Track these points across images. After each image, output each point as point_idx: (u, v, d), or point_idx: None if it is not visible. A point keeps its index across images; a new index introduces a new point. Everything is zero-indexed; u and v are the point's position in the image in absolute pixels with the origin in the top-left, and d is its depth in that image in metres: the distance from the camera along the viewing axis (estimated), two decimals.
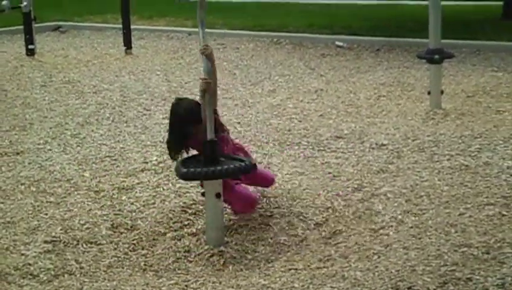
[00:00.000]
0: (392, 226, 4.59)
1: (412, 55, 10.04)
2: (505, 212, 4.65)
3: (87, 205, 5.21)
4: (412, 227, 4.54)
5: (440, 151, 6.00)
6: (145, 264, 4.36)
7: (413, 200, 4.99)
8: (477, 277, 3.75)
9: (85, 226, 4.83)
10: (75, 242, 4.61)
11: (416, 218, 4.68)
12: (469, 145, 6.11)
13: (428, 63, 7.57)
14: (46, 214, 5.05)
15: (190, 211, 5.03)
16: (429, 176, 5.42)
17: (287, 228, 4.75)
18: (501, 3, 13.43)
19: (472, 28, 12.06)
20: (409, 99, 8.02)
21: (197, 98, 4.64)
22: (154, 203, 5.19)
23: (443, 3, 8.62)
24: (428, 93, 7.51)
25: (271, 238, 4.62)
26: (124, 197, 5.33)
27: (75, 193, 5.45)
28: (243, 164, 4.34)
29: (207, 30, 4.62)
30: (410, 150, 6.11)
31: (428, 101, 7.54)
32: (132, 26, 11.89)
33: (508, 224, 4.47)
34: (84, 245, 4.58)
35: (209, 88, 4.31)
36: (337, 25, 13.14)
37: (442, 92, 7.47)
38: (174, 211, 5.04)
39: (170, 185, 5.52)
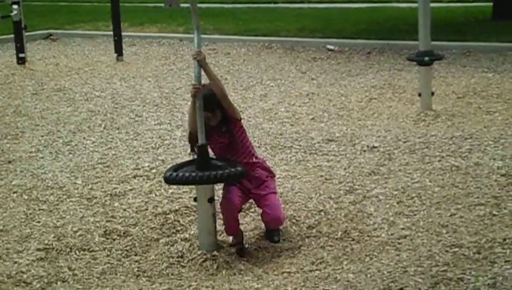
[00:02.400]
0: (383, 228, 4.62)
1: (402, 57, 10.08)
2: (495, 212, 4.68)
3: (80, 212, 5.21)
4: (403, 228, 4.57)
5: (431, 153, 6.03)
6: (138, 270, 4.36)
7: (404, 201, 5.02)
8: (469, 277, 3.77)
9: (78, 233, 4.83)
10: (67, 249, 4.61)
11: (408, 219, 4.71)
12: (460, 146, 6.15)
13: (418, 65, 7.60)
14: (39, 222, 5.05)
15: (183, 217, 5.04)
16: (420, 178, 5.45)
17: (280, 231, 4.75)
18: (491, 4, 13.50)
19: (462, 30, 12.12)
20: (400, 101, 8.05)
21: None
22: (146, 209, 5.20)
23: (433, 5, 8.68)
24: (419, 95, 7.55)
25: (264, 242, 4.63)
26: (116, 204, 5.34)
27: (68, 200, 5.46)
28: (233, 170, 4.30)
29: None
30: (402, 151, 6.14)
31: (419, 103, 7.57)
32: (123, 33, 11.90)
33: (498, 224, 4.51)
34: (77, 252, 4.58)
35: (199, 94, 4.32)
36: (328, 28, 13.18)
37: (432, 94, 7.51)
38: (166, 216, 5.05)
39: (162, 190, 5.52)
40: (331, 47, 11.59)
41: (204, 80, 4.36)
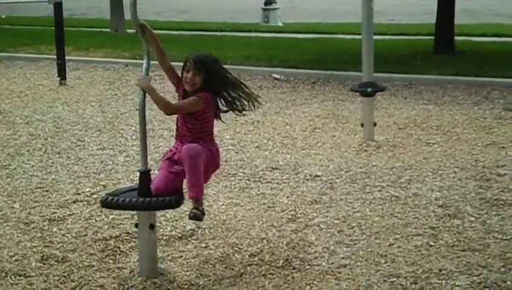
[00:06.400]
0: (324, 256, 4.65)
1: (346, 88, 10.24)
2: (432, 243, 4.77)
3: (17, 236, 5.10)
4: (343, 257, 4.61)
5: (372, 183, 6.12)
6: None
7: (345, 230, 5.07)
8: None
9: (14, 258, 4.72)
10: (3, 274, 4.50)
11: (348, 249, 4.75)
12: (399, 177, 6.25)
13: (361, 96, 7.73)
14: None
15: (123, 243, 4.98)
16: (361, 207, 5.52)
17: (222, 259, 4.74)
18: (433, 38, 13.84)
19: (404, 62, 12.38)
20: (343, 131, 8.15)
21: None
22: (86, 235, 5.12)
23: (376, 37, 8.84)
24: (362, 125, 7.66)
25: (205, 270, 4.60)
26: (54, 229, 5.24)
27: (4, 224, 5.33)
28: (173, 197, 4.31)
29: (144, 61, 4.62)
30: (343, 181, 6.20)
31: (361, 133, 7.68)
32: (67, 57, 11.78)
33: (435, 254, 4.59)
34: (13, 277, 4.47)
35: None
36: (274, 57, 13.30)
37: (375, 125, 7.63)
38: (107, 242, 4.98)
39: (103, 216, 5.45)
40: (277, 76, 11.69)
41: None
